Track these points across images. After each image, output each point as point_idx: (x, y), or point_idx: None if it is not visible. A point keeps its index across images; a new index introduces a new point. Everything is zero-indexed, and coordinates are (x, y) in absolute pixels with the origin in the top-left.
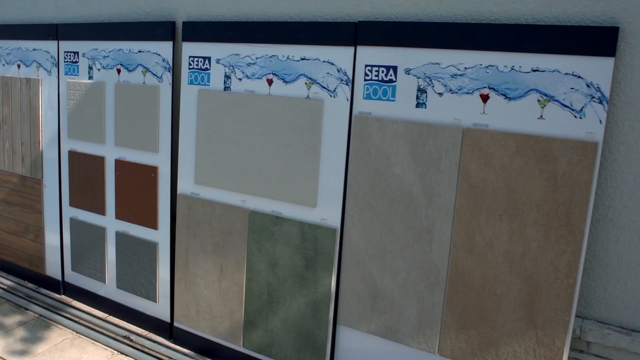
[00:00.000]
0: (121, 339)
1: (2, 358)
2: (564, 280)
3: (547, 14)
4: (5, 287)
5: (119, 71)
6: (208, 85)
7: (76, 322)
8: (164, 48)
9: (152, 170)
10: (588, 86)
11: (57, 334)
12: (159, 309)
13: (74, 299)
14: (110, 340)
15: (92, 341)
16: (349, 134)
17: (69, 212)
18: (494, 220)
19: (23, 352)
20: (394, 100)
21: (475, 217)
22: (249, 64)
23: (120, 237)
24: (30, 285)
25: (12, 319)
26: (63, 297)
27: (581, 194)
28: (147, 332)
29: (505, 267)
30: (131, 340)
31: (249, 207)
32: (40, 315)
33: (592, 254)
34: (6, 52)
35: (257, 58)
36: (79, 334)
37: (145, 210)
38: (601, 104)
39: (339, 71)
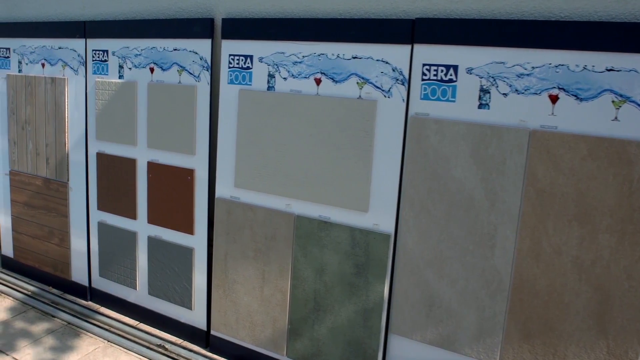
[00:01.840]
0: (155, 347)
1: None
2: (638, 289)
3: (623, 11)
4: (29, 292)
5: (152, 70)
6: (250, 84)
7: (106, 329)
8: (202, 46)
9: (188, 173)
10: None
11: (87, 343)
12: (195, 317)
13: (102, 306)
14: (144, 349)
15: (125, 350)
16: (405, 136)
17: (97, 215)
18: (562, 226)
19: None
20: (454, 101)
21: (542, 223)
22: (295, 63)
23: (153, 242)
24: (54, 291)
25: (39, 327)
26: (90, 304)
27: None
28: (182, 341)
29: (574, 275)
30: (166, 349)
31: (294, 211)
32: (68, 323)
33: None
34: (29, 50)
35: (303, 56)
36: (111, 342)
37: (180, 215)
38: None
39: (394, 70)
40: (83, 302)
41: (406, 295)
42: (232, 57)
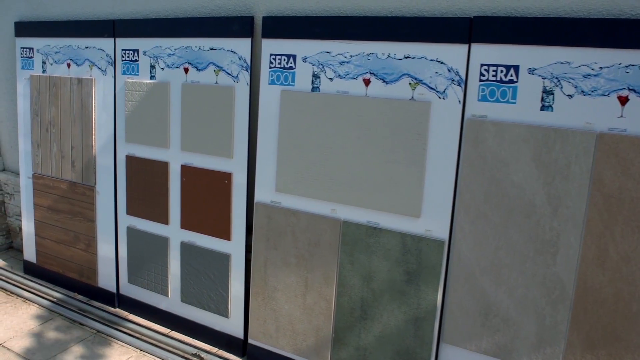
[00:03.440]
0: (190, 357)
1: None
2: None
3: None
4: (55, 299)
5: (186, 70)
6: (293, 85)
7: (138, 338)
8: (241, 45)
9: (225, 177)
10: None
11: (119, 352)
12: (231, 325)
13: (131, 313)
14: (179, 359)
15: None
16: (460, 139)
17: (126, 220)
18: (631, 232)
19: None
20: (514, 103)
21: (609, 229)
22: (341, 63)
23: (186, 248)
24: (80, 297)
25: (68, 335)
26: (118, 311)
27: None
28: (217, 350)
29: None
30: (202, 359)
31: (340, 217)
32: (98, 331)
33: None
34: (54, 50)
35: (351, 56)
36: (144, 351)
37: (216, 220)
38: None
39: (449, 71)
40: (111, 309)
41: (460, 304)
42: (273, 56)
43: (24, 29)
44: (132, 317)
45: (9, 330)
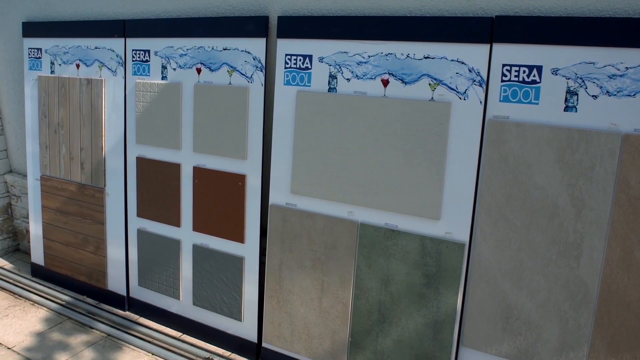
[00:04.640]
0: None
1: None
2: None
3: None
4: (64, 302)
5: (199, 71)
6: (309, 86)
7: (149, 342)
8: (256, 45)
9: (239, 179)
10: None
11: (130, 356)
12: (244, 329)
13: (141, 316)
14: None
15: None
16: (482, 140)
17: (136, 223)
18: None
19: None
20: (537, 103)
21: (635, 232)
22: (359, 63)
23: (198, 250)
24: (89, 300)
25: (78, 339)
26: (128, 314)
27: None
28: (230, 353)
29: None
30: None
31: (357, 219)
32: (108, 335)
33: None
34: (63, 51)
35: (369, 56)
36: (155, 355)
37: (229, 222)
38: None
39: (470, 71)
40: (120, 312)
41: (481, 307)
42: (288, 57)
43: (32, 29)
44: (142, 320)
45: (18, 335)
